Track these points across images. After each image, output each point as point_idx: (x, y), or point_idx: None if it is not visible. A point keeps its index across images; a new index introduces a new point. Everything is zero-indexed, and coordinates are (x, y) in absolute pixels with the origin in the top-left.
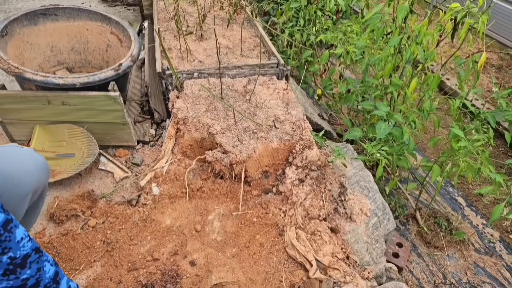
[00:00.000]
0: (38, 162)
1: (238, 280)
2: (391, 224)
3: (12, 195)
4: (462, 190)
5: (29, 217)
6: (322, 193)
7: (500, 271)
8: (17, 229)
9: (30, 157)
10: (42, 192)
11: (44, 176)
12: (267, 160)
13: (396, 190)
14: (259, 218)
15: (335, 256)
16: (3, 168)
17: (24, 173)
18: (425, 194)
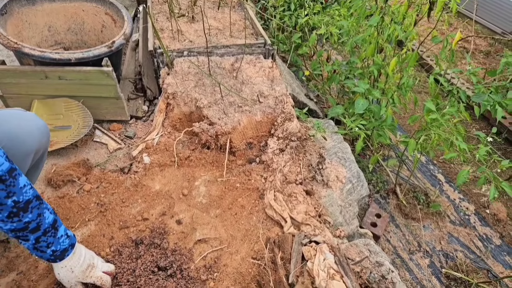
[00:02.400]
0: (40, 125)
1: (220, 236)
2: (365, 190)
3: (16, 153)
4: (444, 169)
5: (30, 176)
6: (300, 161)
7: (473, 240)
8: (20, 177)
9: (33, 120)
10: (42, 154)
11: (45, 139)
12: (251, 132)
13: (379, 168)
14: (242, 184)
15: (308, 214)
16: (9, 128)
17: (28, 134)
18: (407, 171)
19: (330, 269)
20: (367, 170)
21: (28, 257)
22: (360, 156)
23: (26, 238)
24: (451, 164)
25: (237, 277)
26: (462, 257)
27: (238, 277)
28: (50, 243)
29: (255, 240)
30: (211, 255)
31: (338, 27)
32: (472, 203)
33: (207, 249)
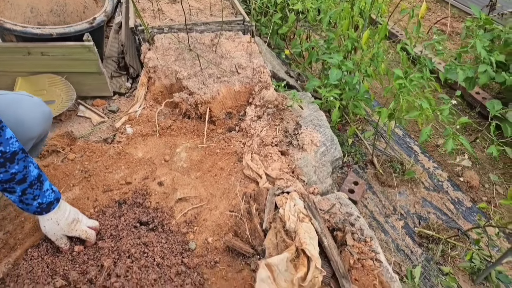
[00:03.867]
0: (46, 113)
1: (200, 194)
2: (338, 152)
3: (19, 138)
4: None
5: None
6: (276, 126)
7: (445, 204)
8: (6, 129)
9: (40, 107)
10: (43, 137)
11: (48, 125)
12: (230, 102)
13: (359, 142)
14: (222, 149)
15: (282, 170)
16: (16, 114)
17: (33, 120)
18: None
19: (299, 214)
20: (346, 144)
21: (14, 219)
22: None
23: (12, 190)
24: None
25: (215, 228)
26: (434, 218)
27: (216, 229)
28: (36, 196)
29: (233, 197)
30: (192, 211)
31: (314, 3)
32: (446, 171)
33: (188, 207)
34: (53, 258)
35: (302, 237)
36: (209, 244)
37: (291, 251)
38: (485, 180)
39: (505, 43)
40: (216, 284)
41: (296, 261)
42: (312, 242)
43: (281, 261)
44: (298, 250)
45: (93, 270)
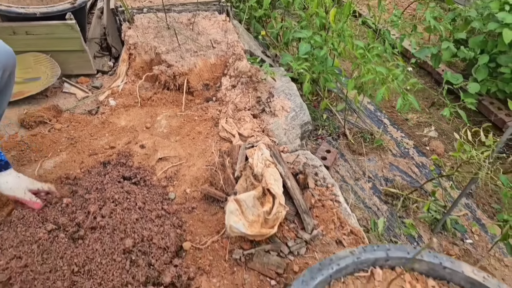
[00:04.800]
0: (6, 48)
1: (179, 154)
2: (306, 117)
3: None
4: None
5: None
6: (249, 94)
7: (410, 168)
8: None
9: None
10: (9, 76)
11: (11, 61)
12: (207, 75)
13: (332, 116)
14: (199, 116)
15: (253, 130)
16: None
17: None
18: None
19: (266, 161)
20: (321, 119)
21: None
22: (315, 107)
23: None
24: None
25: (193, 181)
26: (399, 180)
27: (194, 181)
28: None
29: (209, 155)
30: (171, 169)
31: None
32: (413, 140)
33: (168, 165)
34: (43, 209)
35: (267, 179)
36: (187, 194)
37: (258, 190)
38: (449, 148)
39: (466, 21)
40: (193, 225)
41: (263, 199)
42: (277, 183)
43: (248, 197)
44: (264, 190)
45: (81, 215)
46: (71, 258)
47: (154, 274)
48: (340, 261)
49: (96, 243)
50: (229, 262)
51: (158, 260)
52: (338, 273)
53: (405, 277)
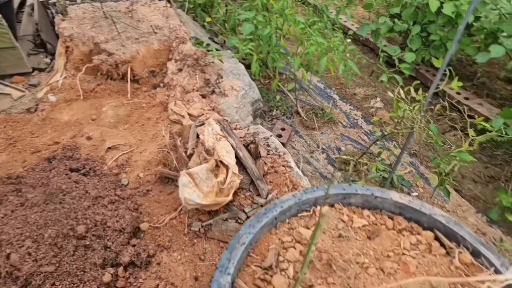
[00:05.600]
0: None
1: (129, 142)
2: (256, 94)
3: None
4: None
5: None
6: (196, 75)
7: (360, 136)
8: None
9: None
10: None
11: None
12: (151, 61)
13: (285, 97)
14: (148, 103)
15: (203, 109)
16: None
17: None
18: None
19: (217, 135)
20: (275, 100)
21: None
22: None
23: None
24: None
25: (146, 165)
26: (350, 148)
27: (147, 165)
28: None
29: (161, 139)
30: (123, 157)
31: None
32: (361, 111)
33: (118, 153)
34: None
35: (219, 152)
36: (141, 178)
37: (210, 163)
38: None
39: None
40: (149, 207)
41: (217, 171)
42: (229, 154)
43: (201, 170)
44: (217, 162)
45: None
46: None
47: (112, 255)
48: (283, 203)
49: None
50: (188, 235)
51: (114, 242)
52: (282, 215)
53: (343, 211)
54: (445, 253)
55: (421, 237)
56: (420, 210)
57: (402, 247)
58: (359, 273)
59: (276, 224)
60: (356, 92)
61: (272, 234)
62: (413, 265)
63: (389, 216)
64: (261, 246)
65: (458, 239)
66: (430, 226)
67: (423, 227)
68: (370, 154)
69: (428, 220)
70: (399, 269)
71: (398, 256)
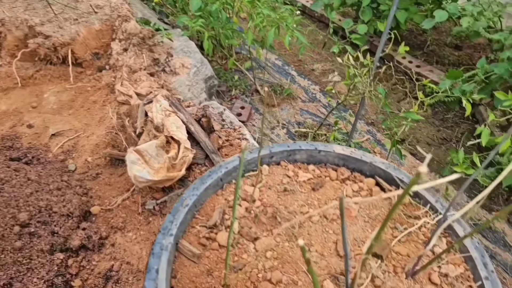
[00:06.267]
0: None
1: (74, 127)
2: (209, 71)
3: None
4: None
5: None
6: (143, 54)
7: (318, 109)
8: None
9: None
10: None
11: None
12: (94, 43)
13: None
14: (93, 86)
15: (151, 87)
16: None
17: None
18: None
19: (166, 111)
20: (233, 79)
21: None
22: (226, 70)
23: None
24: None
25: (94, 149)
26: (310, 121)
27: (95, 149)
28: None
29: (109, 121)
30: (68, 143)
31: None
32: (319, 86)
33: (64, 140)
34: None
35: (169, 127)
36: (90, 163)
37: (160, 139)
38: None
39: None
40: (100, 190)
41: (167, 147)
42: (180, 129)
43: (150, 146)
44: (168, 138)
45: None
46: None
47: (60, 240)
48: (228, 164)
49: None
50: (143, 214)
51: (62, 227)
52: (228, 176)
53: (289, 167)
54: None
55: (363, 184)
56: (362, 159)
57: (345, 194)
58: (304, 222)
59: (222, 185)
60: (314, 68)
61: (219, 196)
62: (354, 210)
63: (333, 169)
64: (207, 207)
65: (397, 183)
66: (371, 173)
67: (366, 175)
68: (329, 126)
69: (370, 168)
70: None
71: None
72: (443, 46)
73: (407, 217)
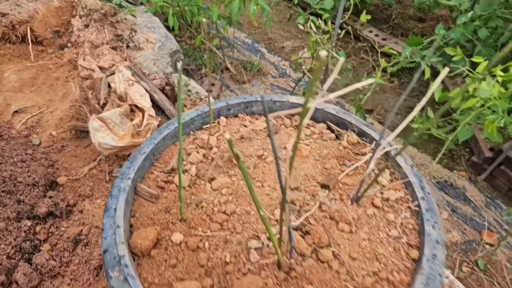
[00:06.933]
0: None
1: (37, 103)
2: (173, 45)
3: None
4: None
5: None
6: (105, 30)
7: (289, 84)
8: None
9: None
10: None
11: None
12: (54, 20)
13: (214, 55)
14: (55, 63)
15: (114, 60)
16: None
17: None
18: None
19: (128, 81)
20: (203, 58)
21: None
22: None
23: None
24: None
25: (58, 123)
26: None
27: (59, 123)
28: None
29: (72, 96)
30: (32, 119)
31: None
32: (289, 61)
33: (27, 116)
34: None
35: (132, 96)
36: (55, 137)
37: (124, 107)
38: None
39: None
40: (66, 162)
41: (132, 115)
42: (143, 98)
43: (113, 114)
44: (132, 107)
45: None
46: None
47: (26, 208)
48: (185, 116)
49: None
50: (111, 182)
51: (28, 196)
52: (186, 128)
53: (246, 118)
54: (335, 138)
55: (315, 128)
56: None
57: None
58: (258, 163)
59: None
60: (284, 45)
61: (177, 146)
62: (306, 150)
63: (288, 117)
64: (166, 156)
65: (346, 125)
66: (323, 119)
67: (318, 121)
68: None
69: (322, 115)
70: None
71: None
72: (408, 19)
73: (355, 154)
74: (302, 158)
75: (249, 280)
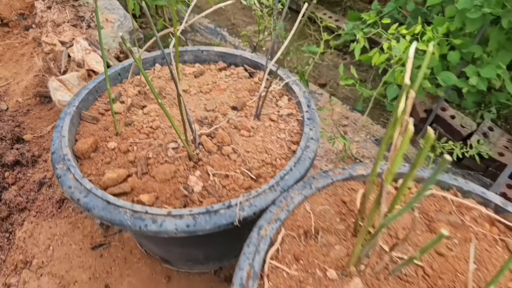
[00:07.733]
0: None
1: (4, 76)
2: (131, 24)
3: None
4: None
5: None
6: (67, 10)
7: None
8: None
9: None
10: None
11: None
12: (18, 4)
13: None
14: (20, 42)
15: (74, 35)
16: None
17: None
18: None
19: (86, 50)
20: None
21: None
22: None
23: None
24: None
25: (24, 91)
26: None
27: (25, 91)
28: None
29: (37, 69)
30: None
31: None
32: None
33: None
34: None
35: (89, 62)
36: (21, 103)
37: (81, 72)
38: None
39: None
40: (32, 123)
41: (89, 79)
42: (99, 64)
43: (71, 77)
44: (89, 72)
45: None
46: None
47: None
48: (125, 62)
49: None
50: None
51: None
52: (126, 72)
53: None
54: (249, 77)
55: (234, 71)
56: (234, 54)
57: (218, 78)
58: (184, 96)
59: (121, 80)
60: (246, 29)
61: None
62: (224, 85)
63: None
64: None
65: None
66: (242, 63)
67: (237, 65)
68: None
69: (241, 60)
70: (214, 88)
71: (214, 83)
72: (358, 1)
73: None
74: (220, 91)
75: (165, 167)
